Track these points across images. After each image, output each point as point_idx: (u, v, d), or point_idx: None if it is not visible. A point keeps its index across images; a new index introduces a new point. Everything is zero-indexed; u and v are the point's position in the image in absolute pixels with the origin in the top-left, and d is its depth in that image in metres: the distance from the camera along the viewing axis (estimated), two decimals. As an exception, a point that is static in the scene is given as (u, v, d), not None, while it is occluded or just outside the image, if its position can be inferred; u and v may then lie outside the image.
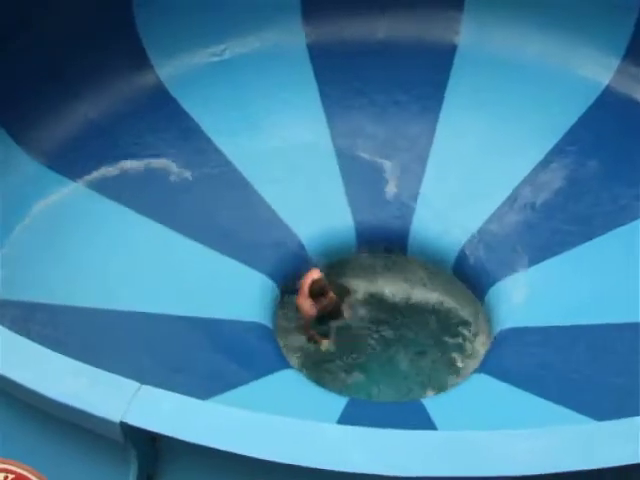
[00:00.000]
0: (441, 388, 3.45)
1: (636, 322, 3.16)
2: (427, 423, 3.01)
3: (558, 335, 3.27)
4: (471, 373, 3.36)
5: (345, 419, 3.00)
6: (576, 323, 3.27)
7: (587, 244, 3.45)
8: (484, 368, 3.30)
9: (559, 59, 3.89)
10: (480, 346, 3.58)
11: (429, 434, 1.84)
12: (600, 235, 3.47)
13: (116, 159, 3.78)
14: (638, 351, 3.11)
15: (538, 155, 3.73)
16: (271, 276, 3.58)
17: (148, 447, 1.69)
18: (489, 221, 3.62)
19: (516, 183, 3.68)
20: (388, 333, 3.72)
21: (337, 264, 3.77)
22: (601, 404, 2.92)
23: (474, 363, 3.49)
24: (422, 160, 3.81)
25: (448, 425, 2.98)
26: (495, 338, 3.40)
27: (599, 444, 1.57)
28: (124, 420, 1.62)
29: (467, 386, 3.27)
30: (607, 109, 3.79)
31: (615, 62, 3.80)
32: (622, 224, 3.47)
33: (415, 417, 3.09)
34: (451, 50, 4.05)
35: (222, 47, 4.09)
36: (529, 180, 3.69)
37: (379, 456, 1.58)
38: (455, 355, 3.60)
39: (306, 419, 1.66)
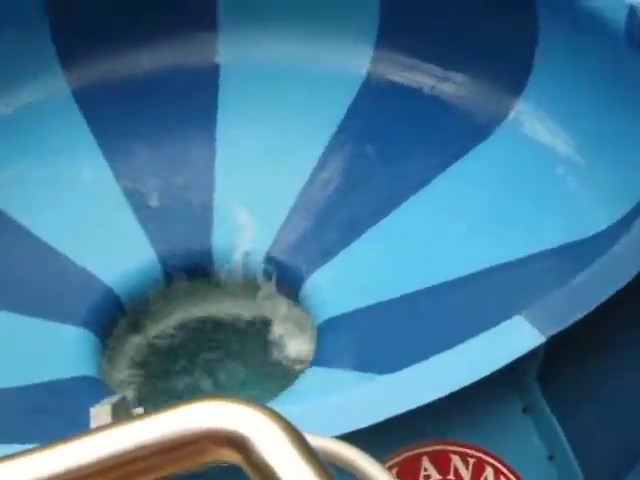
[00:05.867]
0: (278, 391, 3.47)
1: (443, 282, 3.32)
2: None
3: (378, 312, 3.36)
4: (303, 370, 3.43)
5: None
6: (392, 297, 3.37)
7: (383, 221, 3.60)
8: (314, 362, 3.37)
9: (317, 57, 4.04)
10: (303, 345, 3.65)
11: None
12: (392, 211, 3.62)
13: None
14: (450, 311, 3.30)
15: (318, 151, 3.86)
16: (85, 325, 3.50)
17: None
18: (286, 223, 3.71)
19: (303, 181, 3.79)
20: (212, 355, 3.72)
21: (148, 298, 3.72)
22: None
23: (302, 362, 3.56)
24: (209, 179, 3.85)
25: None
26: (317, 332, 3.48)
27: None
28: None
29: (303, 382, 3.32)
30: (372, 96, 3.96)
31: (369, 50, 3.99)
32: (406, 198, 3.64)
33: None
34: (215, 70, 4.13)
35: (-16, 108, 3.99)
36: (315, 176, 3.80)
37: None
38: (282, 360, 3.65)
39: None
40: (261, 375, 3.62)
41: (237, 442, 0.77)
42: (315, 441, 0.91)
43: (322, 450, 1.00)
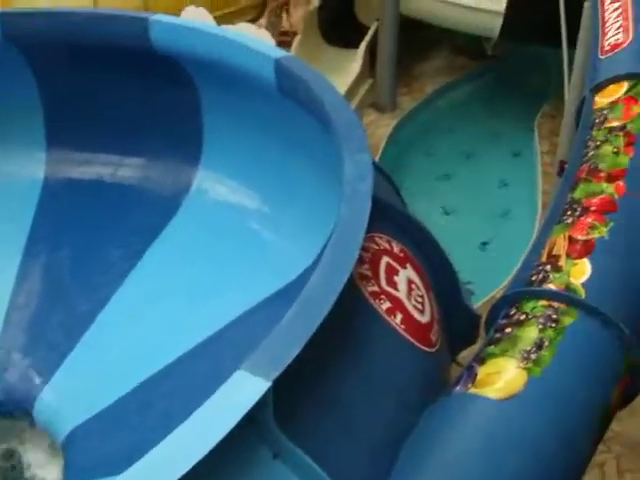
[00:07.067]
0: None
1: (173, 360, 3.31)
2: None
3: (116, 410, 3.26)
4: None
5: None
6: (127, 391, 3.28)
7: (97, 320, 3.54)
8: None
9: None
10: (54, 467, 3.48)
11: None
12: (103, 308, 3.57)
13: None
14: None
15: (14, 268, 3.74)
16: None
17: None
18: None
19: (6, 302, 3.65)
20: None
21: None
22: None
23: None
24: None
25: None
26: (62, 451, 3.34)
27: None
28: None
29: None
30: (55, 198, 3.92)
31: (41, 154, 3.96)
32: (114, 291, 3.61)
33: None
34: None
35: None
36: (16, 293, 3.68)
37: None
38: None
39: None
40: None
41: None
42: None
43: None
